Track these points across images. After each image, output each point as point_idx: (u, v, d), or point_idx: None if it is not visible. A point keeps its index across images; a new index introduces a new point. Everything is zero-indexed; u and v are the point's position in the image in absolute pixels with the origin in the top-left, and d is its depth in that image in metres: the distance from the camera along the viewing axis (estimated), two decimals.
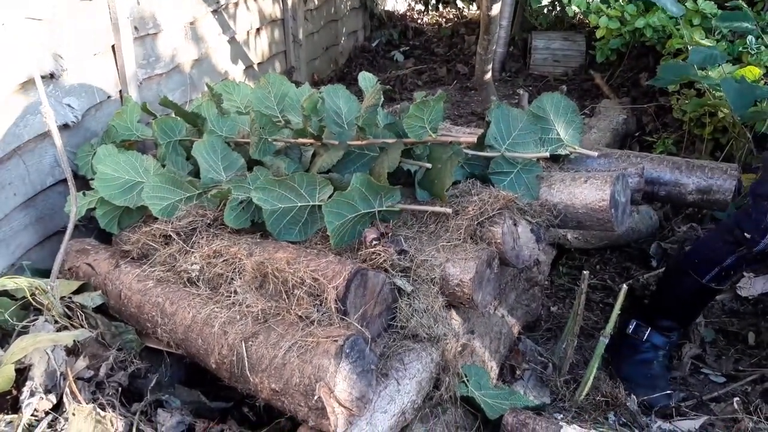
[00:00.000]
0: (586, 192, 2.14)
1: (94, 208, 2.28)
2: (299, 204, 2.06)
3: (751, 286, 2.81)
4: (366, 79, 2.47)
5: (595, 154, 2.41)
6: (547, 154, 2.32)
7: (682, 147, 3.73)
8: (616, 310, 2.07)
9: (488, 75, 4.24)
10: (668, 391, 2.35)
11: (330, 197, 2.00)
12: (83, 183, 2.43)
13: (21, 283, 1.88)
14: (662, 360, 2.42)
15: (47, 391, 1.65)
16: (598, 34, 4.54)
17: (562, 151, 2.36)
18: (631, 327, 2.45)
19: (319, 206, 2.03)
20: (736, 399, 2.06)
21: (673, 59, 3.88)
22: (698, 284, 2.32)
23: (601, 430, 1.95)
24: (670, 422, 2.16)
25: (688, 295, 2.39)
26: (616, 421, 2.10)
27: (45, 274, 2.16)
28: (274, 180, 2.05)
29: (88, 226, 2.42)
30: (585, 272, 2.17)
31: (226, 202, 2.13)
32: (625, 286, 2.07)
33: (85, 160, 2.46)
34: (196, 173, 2.34)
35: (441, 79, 5.68)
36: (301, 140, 2.34)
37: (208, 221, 2.16)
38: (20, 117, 2.20)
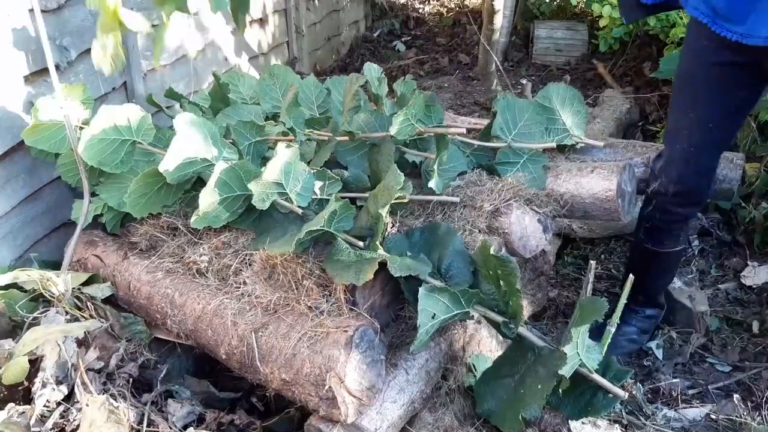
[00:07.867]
0: (593, 182, 2.14)
1: (100, 215, 2.25)
2: None
3: (755, 275, 2.82)
4: (372, 69, 2.46)
5: (601, 144, 2.41)
6: (554, 145, 2.33)
7: None
8: (623, 300, 2.07)
9: (492, 65, 4.23)
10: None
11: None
12: None
13: (32, 275, 1.89)
14: (628, 341, 2.50)
15: (59, 382, 1.66)
16: (601, 23, 4.53)
17: (568, 141, 2.36)
18: None
19: (327, 199, 2.03)
20: (736, 396, 2.07)
21: (677, 48, 3.87)
22: (636, 245, 2.45)
23: (606, 418, 1.96)
24: (675, 410, 2.17)
25: (634, 260, 2.52)
26: (622, 410, 2.11)
27: (52, 266, 2.16)
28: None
29: (95, 217, 2.42)
30: (592, 262, 2.17)
31: None
32: (631, 275, 2.07)
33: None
34: None
35: (443, 69, 5.67)
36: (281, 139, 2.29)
37: None
38: (25, 110, 2.20)
